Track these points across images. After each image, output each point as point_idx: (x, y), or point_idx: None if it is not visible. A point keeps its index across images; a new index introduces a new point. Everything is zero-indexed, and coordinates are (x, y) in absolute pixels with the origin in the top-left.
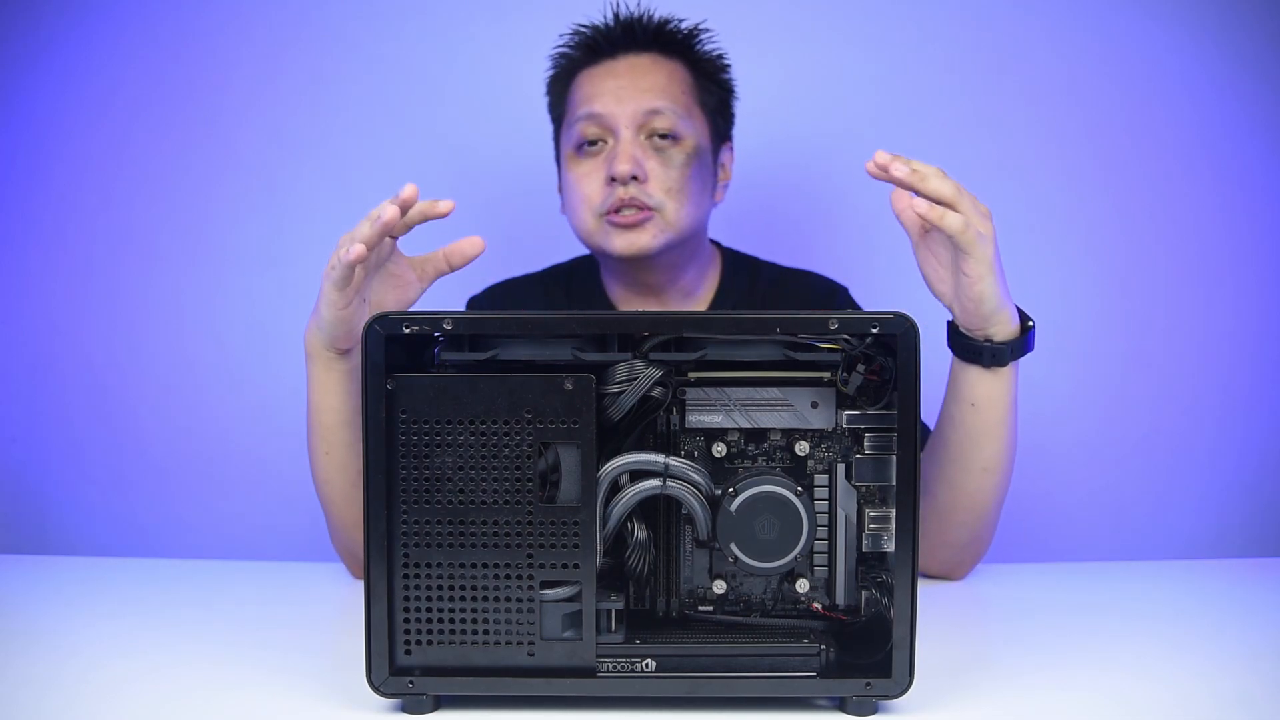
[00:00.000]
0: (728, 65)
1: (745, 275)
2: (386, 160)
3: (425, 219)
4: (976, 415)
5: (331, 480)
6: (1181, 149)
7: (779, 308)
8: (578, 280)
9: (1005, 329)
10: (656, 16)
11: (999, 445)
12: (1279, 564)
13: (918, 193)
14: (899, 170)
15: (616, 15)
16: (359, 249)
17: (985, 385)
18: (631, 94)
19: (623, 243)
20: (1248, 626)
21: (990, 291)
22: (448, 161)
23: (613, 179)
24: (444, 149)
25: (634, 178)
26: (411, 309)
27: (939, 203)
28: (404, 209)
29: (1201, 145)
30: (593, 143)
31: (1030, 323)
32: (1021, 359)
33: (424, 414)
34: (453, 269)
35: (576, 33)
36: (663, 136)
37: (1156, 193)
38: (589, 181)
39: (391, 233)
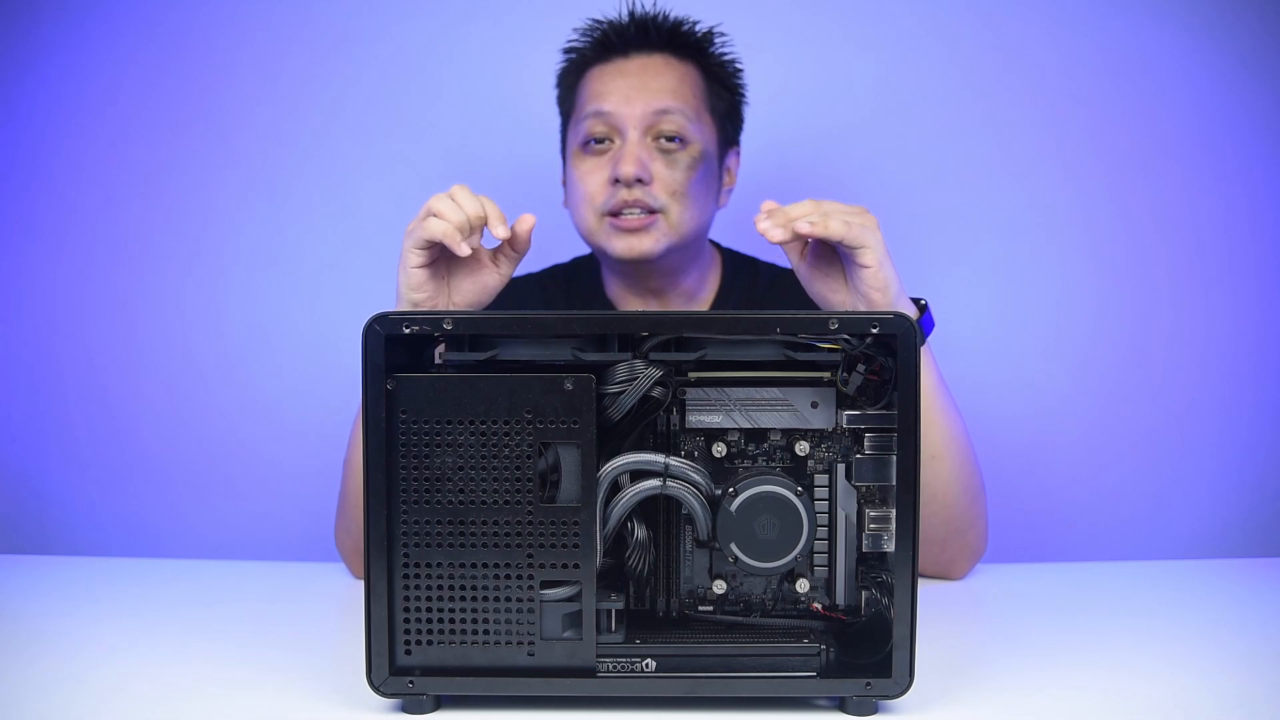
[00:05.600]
0: (740, 70)
1: (745, 276)
2: (386, 160)
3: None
4: None
5: None
6: (1181, 149)
7: (779, 308)
8: (578, 280)
9: (910, 312)
10: (672, 17)
11: (939, 430)
12: (1279, 564)
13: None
14: (777, 235)
15: (632, 13)
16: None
17: None
18: (641, 94)
19: (623, 245)
20: (1248, 626)
21: (891, 274)
22: (447, 161)
23: (617, 180)
24: (444, 149)
25: (639, 180)
26: (411, 310)
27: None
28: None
29: (1201, 145)
30: (599, 141)
31: (923, 301)
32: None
33: (424, 414)
34: (522, 253)
35: (590, 28)
36: (670, 139)
37: (1156, 192)
38: (592, 179)
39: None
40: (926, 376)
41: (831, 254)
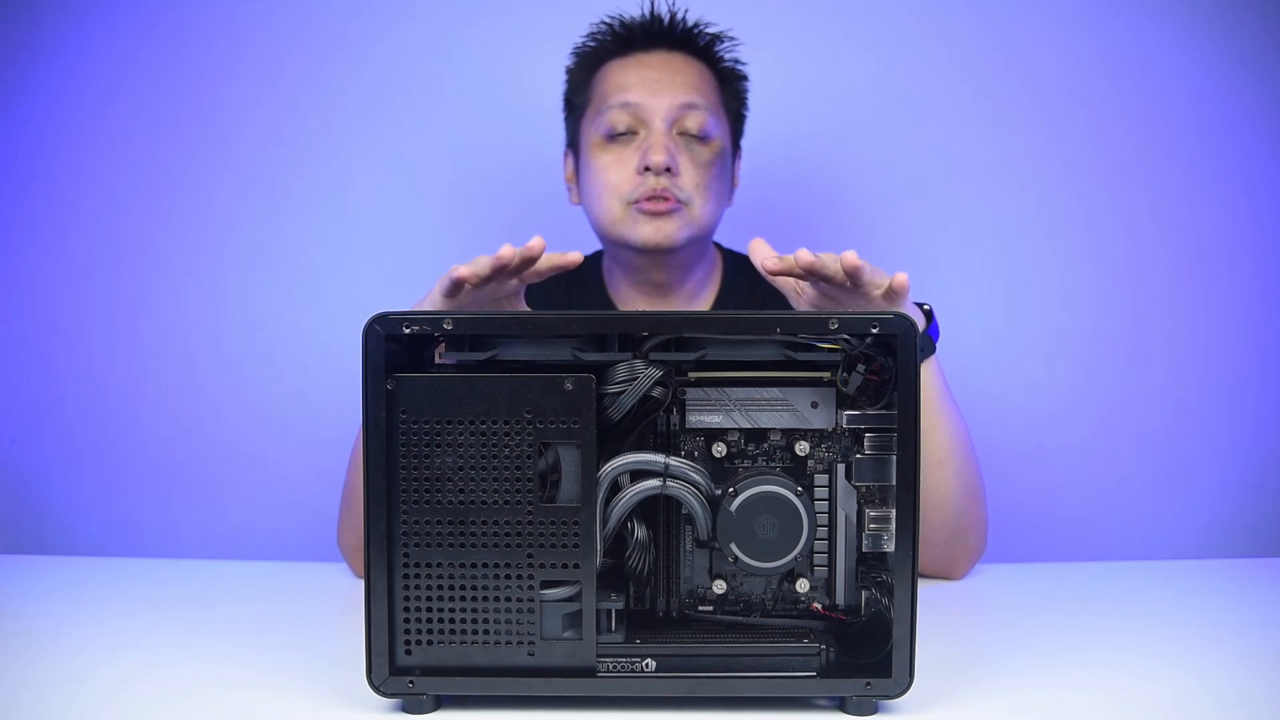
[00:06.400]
0: (745, 78)
1: (746, 276)
2: (386, 160)
3: (554, 270)
4: None
5: None
6: (1181, 149)
7: (779, 309)
8: (579, 280)
9: (919, 319)
10: (690, 19)
11: (944, 436)
12: (1279, 564)
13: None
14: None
15: (653, 10)
16: (463, 271)
17: None
18: (667, 88)
19: (650, 230)
20: (1248, 626)
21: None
22: (447, 162)
23: (646, 168)
24: (444, 148)
25: (667, 169)
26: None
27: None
28: (525, 258)
29: (1201, 145)
30: (623, 133)
31: (927, 306)
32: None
33: (424, 414)
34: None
35: (607, 25)
36: (693, 134)
37: (1156, 193)
38: (617, 170)
39: (509, 273)
40: (933, 384)
41: (835, 291)
